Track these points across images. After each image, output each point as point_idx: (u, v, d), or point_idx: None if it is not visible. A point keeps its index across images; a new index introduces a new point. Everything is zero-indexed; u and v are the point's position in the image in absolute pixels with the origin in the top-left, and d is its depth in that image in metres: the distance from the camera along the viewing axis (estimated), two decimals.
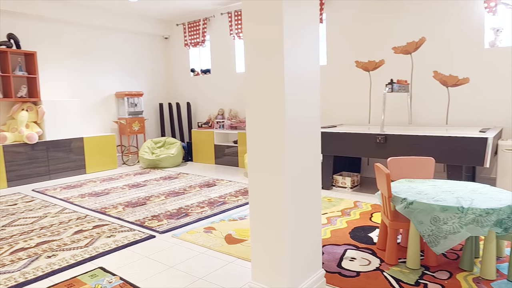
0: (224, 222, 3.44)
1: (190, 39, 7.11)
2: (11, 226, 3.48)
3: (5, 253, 2.85)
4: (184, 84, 7.55)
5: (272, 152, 1.84)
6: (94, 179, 5.57)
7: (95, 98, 6.59)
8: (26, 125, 5.43)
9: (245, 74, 1.91)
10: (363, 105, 5.12)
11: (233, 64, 6.67)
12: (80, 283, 2.34)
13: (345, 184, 4.49)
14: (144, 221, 3.50)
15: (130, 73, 7.11)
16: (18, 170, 5.27)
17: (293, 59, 1.81)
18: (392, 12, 4.74)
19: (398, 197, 2.41)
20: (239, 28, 6.33)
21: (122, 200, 4.31)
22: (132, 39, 7.09)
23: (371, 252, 2.67)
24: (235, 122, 6.49)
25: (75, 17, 6.05)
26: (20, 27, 5.59)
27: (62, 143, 5.74)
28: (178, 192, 4.59)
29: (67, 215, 3.80)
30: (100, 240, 3.05)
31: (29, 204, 4.27)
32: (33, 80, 5.54)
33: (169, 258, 2.69)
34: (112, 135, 6.38)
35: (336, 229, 3.18)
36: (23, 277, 2.43)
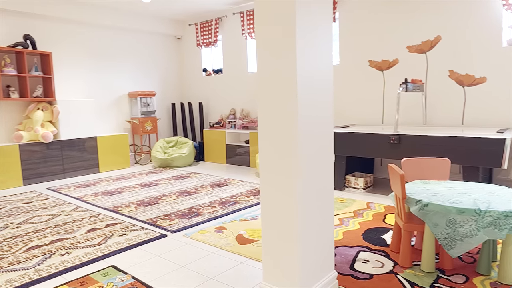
0: (235, 222, 3.44)
1: (203, 39, 7.13)
2: (26, 224, 3.54)
3: (20, 250, 2.90)
4: (196, 84, 7.58)
5: (284, 153, 1.82)
6: (107, 178, 5.63)
7: (108, 98, 6.66)
8: (42, 124, 5.52)
9: (257, 74, 1.89)
10: (376, 105, 5.06)
11: (245, 64, 6.66)
12: (92, 281, 2.36)
13: (358, 185, 4.43)
14: (156, 220, 3.52)
15: (143, 73, 7.17)
16: (33, 169, 5.36)
17: (306, 59, 1.79)
18: (407, 10, 4.67)
19: (412, 198, 2.36)
20: (251, 28, 6.32)
21: (134, 199, 4.34)
22: (145, 39, 7.15)
23: (384, 254, 2.63)
24: (246, 122, 6.48)
25: (89, 17, 6.13)
26: (36, 28, 5.68)
27: (76, 142, 5.82)
28: (189, 192, 4.61)
29: (80, 213, 3.84)
30: (112, 239, 3.07)
31: (44, 202, 4.33)
32: (49, 80, 5.63)
33: (181, 257, 2.70)
34: (125, 135, 6.44)
35: (349, 230, 3.14)
36: (37, 274, 2.46)
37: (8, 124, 5.49)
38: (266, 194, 1.94)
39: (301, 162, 1.80)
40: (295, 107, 1.75)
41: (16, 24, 5.49)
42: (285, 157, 1.82)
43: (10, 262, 2.67)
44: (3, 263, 2.66)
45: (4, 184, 5.09)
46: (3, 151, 5.06)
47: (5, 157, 5.07)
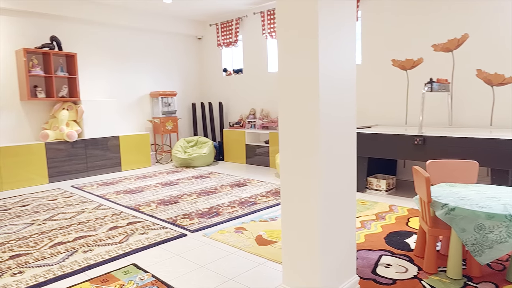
0: (254, 222, 3.42)
1: (223, 39, 7.15)
2: (51, 221, 3.63)
3: (45, 246, 2.97)
4: (216, 84, 7.61)
5: (306, 153, 1.79)
6: (129, 177, 5.72)
7: (130, 98, 6.77)
8: (67, 123, 5.66)
9: (278, 74, 1.87)
10: (399, 105, 4.93)
11: (265, 64, 6.64)
12: (114, 278, 2.39)
13: (380, 186, 4.34)
14: (176, 220, 3.54)
15: (164, 73, 7.26)
16: (58, 167, 5.50)
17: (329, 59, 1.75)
18: (432, 7, 4.53)
19: (438, 202, 2.28)
20: (271, 28, 6.29)
21: (155, 198, 4.39)
22: (166, 39, 7.23)
23: (408, 259, 2.55)
24: (266, 122, 6.46)
25: (113, 19, 6.25)
26: (62, 30, 5.83)
27: (100, 141, 5.94)
28: (209, 191, 4.62)
29: (103, 211, 3.91)
30: (133, 237, 3.11)
31: (68, 199, 4.44)
32: (73, 81, 5.77)
33: (200, 257, 2.70)
34: (147, 134, 6.53)
35: (371, 233, 3.07)
36: (61, 271, 2.51)
37: (35, 123, 5.66)
38: (286, 195, 1.91)
39: (322, 163, 1.76)
40: (317, 107, 1.72)
41: (43, 26, 5.65)
42: (307, 158, 1.79)
43: (36, 258, 2.74)
44: (29, 259, 2.73)
45: (31, 182, 5.25)
46: (30, 150, 5.21)
47: (32, 155, 5.23)
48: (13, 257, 2.77)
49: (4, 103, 5.34)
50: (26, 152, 5.18)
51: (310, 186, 1.79)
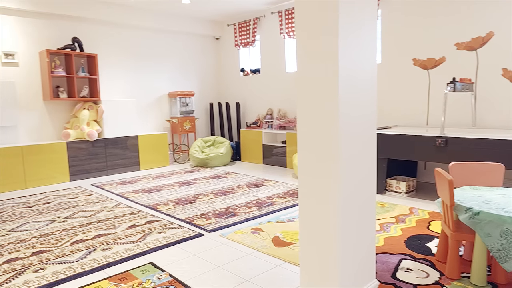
0: (271, 223, 3.40)
1: (241, 39, 7.16)
2: (72, 218, 3.70)
3: (66, 243, 3.03)
4: (233, 84, 7.63)
5: (325, 154, 1.76)
6: (147, 176, 5.79)
7: (149, 98, 6.86)
8: (87, 123, 5.77)
9: (297, 74, 1.84)
10: (420, 105, 4.82)
11: (283, 64, 6.61)
12: (132, 277, 2.41)
13: (400, 188, 4.25)
14: (193, 219, 3.56)
15: (182, 73, 7.32)
16: (79, 165, 5.62)
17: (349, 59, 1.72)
18: (455, 4, 4.41)
19: (462, 206, 2.21)
20: (289, 27, 6.25)
21: (172, 197, 4.42)
22: (184, 40, 7.29)
23: (429, 263, 2.48)
24: (284, 122, 6.43)
25: (132, 20, 6.33)
26: (83, 31, 5.95)
27: (119, 140, 6.04)
28: (226, 191, 4.63)
29: (121, 209, 3.97)
30: (151, 236, 3.14)
31: (88, 198, 4.52)
32: (94, 81, 5.88)
33: (217, 257, 2.70)
34: (165, 134, 6.60)
35: (390, 236, 3.00)
36: (81, 268, 2.55)
37: (58, 122, 5.80)
38: (304, 196, 1.89)
39: (342, 164, 1.73)
40: (336, 107, 1.68)
41: (65, 27, 5.78)
42: (325, 159, 1.76)
43: (57, 255, 2.79)
44: (51, 256, 2.79)
45: (54, 179, 5.37)
46: (53, 148, 5.34)
47: (54, 153, 5.36)
48: (35, 254, 2.83)
49: (28, 103, 5.49)
50: (49, 151, 5.31)
51: (329, 187, 1.76)
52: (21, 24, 5.37)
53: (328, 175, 1.76)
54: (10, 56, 5.29)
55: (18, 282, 2.38)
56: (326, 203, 1.79)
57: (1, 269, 2.58)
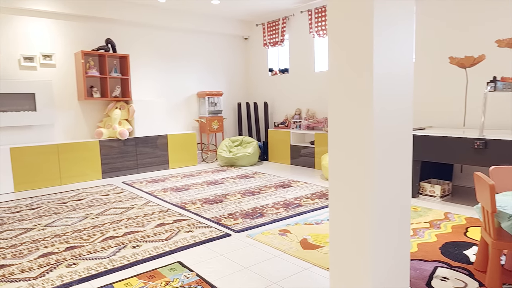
0: (299, 225, 3.34)
1: (269, 39, 7.12)
2: (103, 215, 3.80)
3: (98, 239, 3.10)
4: (262, 83, 7.60)
5: (358, 156, 1.69)
6: (176, 175, 5.86)
7: (178, 98, 6.95)
8: (119, 122, 5.92)
9: (329, 73, 1.78)
10: (456, 105, 4.61)
11: (312, 63, 6.52)
12: (160, 275, 2.43)
13: (434, 192, 4.07)
14: (220, 219, 3.55)
15: (211, 73, 7.37)
16: (111, 163, 5.77)
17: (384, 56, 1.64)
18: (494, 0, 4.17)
19: (504, 213, 2.07)
20: (319, 26, 6.15)
21: (200, 196, 4.45)
22: (213, 40, 7.34)
23: (467, 272, 2.35)
24: (312, 122, 6.34)
25: (163, 21, 6.44)
26: (116, 32, 6.11)
27: (149, 139, 6.15)
28: (253, 192, 4.60)
29: (151, 207, 4.03)
30: (179, 235, 3.16)
31: (119, 195, 4.63)
32: (126, 81, 6.02)
33: (244, 258, 2.68)
34: (193, 133, 6.67)
35: (424, 242, 2.87)
36: (111, 265, 2.60)
37: (91, 121, 5.98)
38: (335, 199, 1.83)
39: (375, 166, 1.65)
40: (371, 107, 1.61)
41: (99, 29, 5.95)
42: (358, 160, 1.69)
43: (89, 251, 2.86)
44: (83, 251, 2.86)
45: (87, 177, 5.54)
46: (86, 146, 5.51)
47: (88, 151, 5.53)
48: (69, 249, 2.92)
49: (64, 102, 5.69)
50: (82, 149, 5.48)
51: (361, 190, 1.69)
52: (58, 26, 5.58)
53: (361, 177, 1.69)
54: (48, 57, 5.50)
55: (52, 276, 2.46)
56: (358, 206, 1.72)
57: (36, 263, 2.67)
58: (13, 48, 5.24)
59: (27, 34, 5.33)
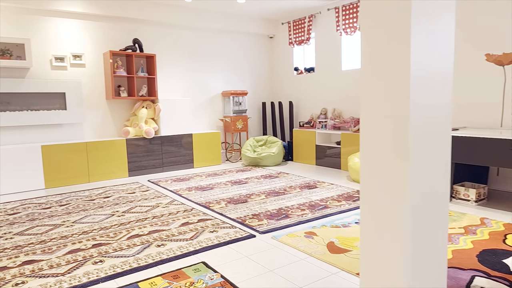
0: (325, 228, 3.25)
1: (295, 37, 7.03)
2: (129, 213, 3.83)
3: (124, 237, 3.12)
4: (287, 83, 7.52)
5: (392, 158, 1.60)
6: (200, 174, 5.87)
7: (203, 97, 6.97)
8: (145, 121, 5.99)
9: (361, 70, 1.70)
10: (493, 105, 4.37)
11: (339, 62, 6.38)
12: (184, 275, 2.40)
13: (468, 196, 3.88)
14: (245, 219, 3.51)
15: (236, 72, 7.35)
16: (137, 162, 5.84)
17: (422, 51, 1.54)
18: None
19: None
20: (347, 24, 6.01)
21: (225, 196, 4.42)
22: (238, 39, 7.31)
23: (508, 283, 2.20)
24: (338, 122, 6.20)
25: (188, 21, 6.47)
26: (143, 32, 6.19)
27: (175, 138, 6.20)
28: (278, 192, 4.54)
29: (175, 206, 4.03)
30: (203, 235, 3.13)
31: (145, 193, 4.67)
32: (152, 80, 6.08)
33: (269, 260, 2.62)
34: (218, 132, 6.67)
35: (459, 249, 2.72)
36: (136, 263, 2.60)
37: (118, 120, 6.08)
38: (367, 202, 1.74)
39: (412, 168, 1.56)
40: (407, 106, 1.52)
41: (127, 29, 6.04)
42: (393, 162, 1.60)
43: (115, 248, 2.88)
44: (109, 249, 2.88)
45: (114, 175, 5.64)
46: (114, 145, 5.61)
47: (115, 150, 5.62)
48: (95, 246, 2.95)
49: (93, 102, 5.81)
50: (110, 147, 5.58)
51: (396, 194, 1.60)
52: (88, 27, 5.70)
53: (396, 180, 1.60)
54: (77, 57, 5.63)
55: (79, 273, 2.48)
56: (392, 211, 1.62)
57: (64, 259, 2.71)
58: (45, 49, 5.39)
59: (58, 35, 5.47)
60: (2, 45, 4.96)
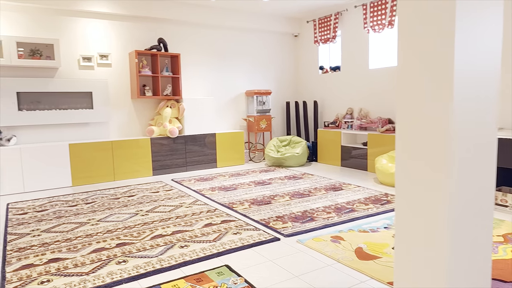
0: (353, 232, 3.12)
1: (320, 36, 6.88)
2: (153, 212, 3.83)
3: (147, 237, 3.11)
4: (311, 82, 7.38)
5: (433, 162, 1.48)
6: (223, 174, 5.83)
7: (227, 96, 6.94)
8: (169, 120, 6.01)
9: (398, 67, 1.58)
10: None
11: (366, 60, 6.19)
12: (207, 279, 2.35)
13: (507, 202, 3.65)
14: (268, 221, 3.43)
15: (260, 71, 7.28)
16: (161, 161, 5.87)
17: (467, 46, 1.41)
18: None
19: None
20: (375, 21, 5.82)
21: (248, 196, 4.36)
22: (262, 38, 7.24)
23: None
24: (365, 122, 6.02)
25: (212, 20, 6.45)
26: (167, 31, 6.21)
27: (198, 138, 6.19)
28: (303, 194, 4.43)
29: (199, 206, 4.00)
30: (227, 236, 3.08)
31: (168, 193, 4.67)
32: (176, 80, 6.10)
33: (294, 265, 2.53)
34: (241, 132, 6.61)
35: (499, 259, 2.55)
36: (159, 264, 2.57)
37: (143, 119, 6.13)
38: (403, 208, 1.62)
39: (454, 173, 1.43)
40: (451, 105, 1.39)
41: (152, 29, 6.08)
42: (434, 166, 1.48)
43: (138, 248, 2.87)
44: (132, 249, 2.87)
45: (138, 173, 5.68)
46: (138, 144, 5.65)
47: (139, 148, 5.66)
48: (119, 245, 2.94)
49: (118, 101, 5.88)
50: (135, 146, 5.63)
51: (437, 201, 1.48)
52: (114, 27, 5.76)
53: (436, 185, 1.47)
54: (104, 57, 5.71)
55: (103, 272, 2.47)
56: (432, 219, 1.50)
57: (89, 258, 2.72)
58: (73, 49, 5.49)
59: (85, 35, 5.56)
60: (33, 46, 5.08)
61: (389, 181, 4.76)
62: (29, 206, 4.20)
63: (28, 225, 3.52)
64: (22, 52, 5.00)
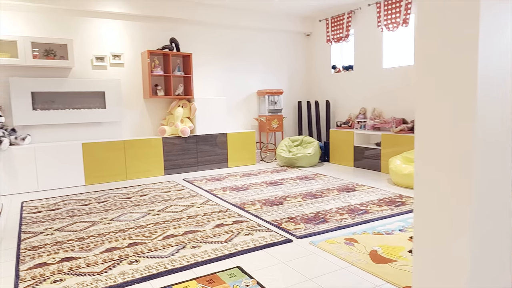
0: (367, 234, 3.06)
1: (333, 35, 6.81)
2: (164, 212, 3.82)
3: (159, 237, 3.10)
4: (324, 81, 7.31)
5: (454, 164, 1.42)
6: (235, 173, 5.81)
7: (238, 96, 6.91)
8: (181, 120, 6.01)
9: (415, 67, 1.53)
10: None
11: (379, 59, 6.10)
12: (219, 280, 2.32)
13: None
14: (281, 222, 3.39)
15: (271, 71, 7.24)
16: (172, 160, 5.88)
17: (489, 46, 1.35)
18: None
19: None
20: (389, 19, 5.73)
21: (260, 197, 4.33)
22: (274, 37, 7.19)
23: None
24: (378, 122, 5.93)
25: (224, 19, 6.43)
26: (179, 31, 6.22)
27: (209, 137, 6.18)
28: (315, 195, 4.38)
29: (210, 207, 3.98)
30: (238, 237, 3.05)
31: (180, 192, 4.66)
32: (188, 80, 6.10)
33: (307, 268, 2.48)
34: (252, 132, 6.59)
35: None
36: (171, 265, 2.56)
37: (155, 119, 6.15)
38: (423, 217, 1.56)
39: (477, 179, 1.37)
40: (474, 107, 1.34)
41: (164, 28, 6.09)
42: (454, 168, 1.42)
43: (150, 249, 2.86)
44: (144, 248, 2.86)
45: (150, 173, 5.70)
46: (150, 143, 5.67)
47: (151, 148, 5.68)
48: (131, 245, 2.94)
49: (131, 100, 5.91)
50: (147, 146, 5.65)
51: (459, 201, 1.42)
52: (127, 27, 5.79)
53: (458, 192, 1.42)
54: (117, 57, 5.74)
55: (115, 272, 2.47)
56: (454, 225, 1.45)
57: (101, 257, 2.72)
58: (87, 49, 5.53)
59: (99, 35, 5.60)
60: (47, 46, 5.14)
61: (403, 182, 4.68)
62: (42, 204, 4.25)
63: (42, 224, 3.55)
64: (37, 52, 5.05)
